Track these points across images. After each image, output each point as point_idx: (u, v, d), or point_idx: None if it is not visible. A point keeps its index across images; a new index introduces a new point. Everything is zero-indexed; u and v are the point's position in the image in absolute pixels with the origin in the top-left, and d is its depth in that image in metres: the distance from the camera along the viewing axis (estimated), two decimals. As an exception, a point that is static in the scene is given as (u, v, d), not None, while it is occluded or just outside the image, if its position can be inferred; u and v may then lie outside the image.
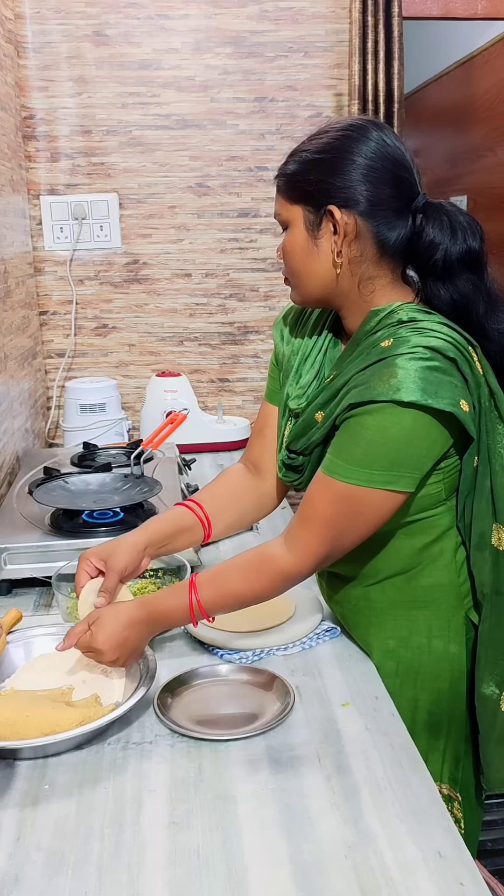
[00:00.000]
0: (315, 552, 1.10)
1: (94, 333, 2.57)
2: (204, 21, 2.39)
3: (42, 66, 2.37)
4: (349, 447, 1.06)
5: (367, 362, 1.08)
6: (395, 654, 1.21)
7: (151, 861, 0.86)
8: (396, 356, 1.03)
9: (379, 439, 1.04)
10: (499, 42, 2.93)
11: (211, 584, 1.14)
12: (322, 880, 0.82)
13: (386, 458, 1.04)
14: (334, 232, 1.10)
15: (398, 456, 1.04)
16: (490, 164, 3.05)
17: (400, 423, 1.03)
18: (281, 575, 1.12)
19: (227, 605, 1.15)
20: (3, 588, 1.48)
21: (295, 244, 1.14)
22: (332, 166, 1.09)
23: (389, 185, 1.09)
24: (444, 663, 1.19)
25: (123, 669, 1.16)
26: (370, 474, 1.05)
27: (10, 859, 0.87)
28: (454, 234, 1.09)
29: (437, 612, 1.19)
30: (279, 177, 1.16)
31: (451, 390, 1.03)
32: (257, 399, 2.65)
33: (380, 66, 2.35)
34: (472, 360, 1.08)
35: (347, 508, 1.08)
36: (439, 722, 1.21)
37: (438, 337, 1.05)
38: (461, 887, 0.81)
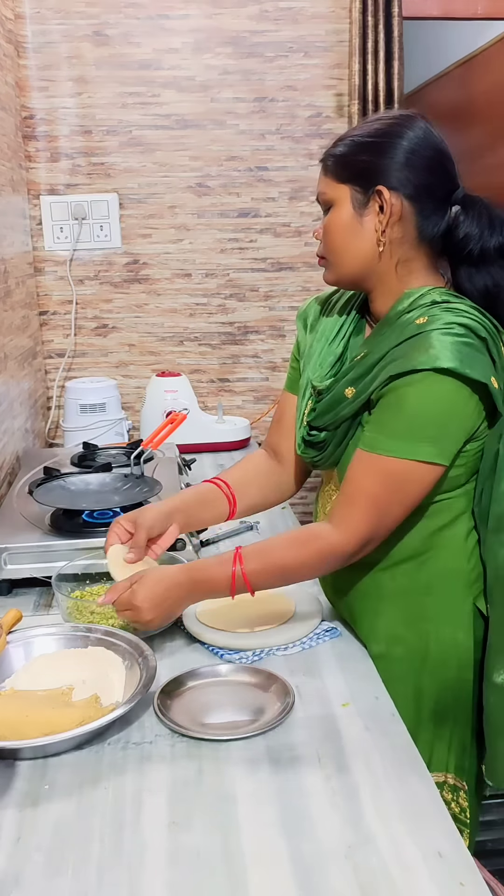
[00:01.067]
0: (361, 530, 1.13)
1: (94, 333, 2.57)
2: (204, 21, 2.39)
3: (42, 66, 2.37)
4: (392, 421, 1.11)
5: (403, 338, 1.12)
6: (402, 640, 1.23)
7: (151, 861, 0.86)
8: (432, 331, 1.09)
9: (421, 410, 1.09)
10: (499, 42, 2.93)
11: (257, 555, 1.17)
12: (322, 880, 0.82)
13: (429, 430, 1.09)
14: (380, 211, 1.16)
15: (440, 427, 1.09)
16: (490, 164, 3.05)
17: (440, 392, 1.08)
18: (328, 549, 1.15)
19: (271, 576, 1.18)
20: (3, 588, 1.48)
21: (340, 222, 1.18)
22: (383, 149, 1.15)
23: (434, 172, 1.16)
24: (451, 650, 1.21)
25: (123, 669, 1.16)
26: (415, 447, 1.09)
27: (10, 860, 0.87)
28: (492, 226, 1.16)
29: (445, 599, 1.21)
30: (327, 158, 1.20)
31: (484, 365, 1.09)
32: (257, 399, 2.65)
33: (380, 66, 2.35)
34: (499, 345, 1.13)
35: (392, 484, 1.11)
36: (445, 710, 1.22)
37: (470, 317, 1.11)
38: (461, 887, 0.81)
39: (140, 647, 1.17)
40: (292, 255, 2.57)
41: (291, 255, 2.57)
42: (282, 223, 2.55)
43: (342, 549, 1.14)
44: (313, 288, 2.58)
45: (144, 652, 1.16)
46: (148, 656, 1.15)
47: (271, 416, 2.64)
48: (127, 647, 1.19)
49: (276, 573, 1.18)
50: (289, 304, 2.60)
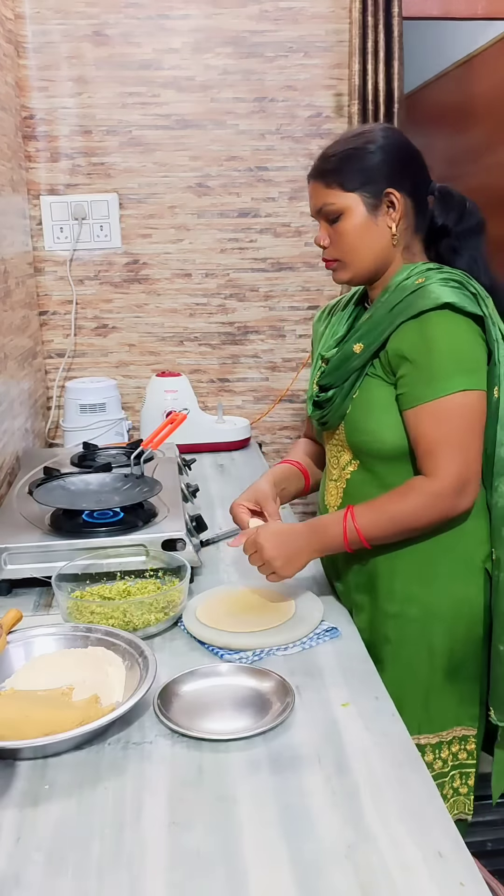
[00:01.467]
0: (451, 471, 1.22)
1: (94, 333, 2.57)
2: (204, 21, 2.39)
3: (42, 66, 2.37)
4: (436, 364, 1.22)
5: (405, 294, 1.26)
6: (418, 599, 1.31)
7: (151, 861, 0.86)
8: (429, 282, 1.25)
9: (454, 345, 1.22)
10: (499, 42, 2.93)
11: (367, 508, 1.27)
12: (322, 880, 0.82)
13: (469, 360, 1.23)
14: (390, 209, 1.30)
15: (474, 356, 1.23)
16: (490, 164, 3.05)
17: (458, 325, 1.23)
18: (431, 495, 1.23)
19: (383, 527, 1.26)
20: (3, 588, 1.48)
21: (356, 226, 1.31)
22: (383, 157, 1.30)
23: (421, 170, 1.35)
24: (462, 607, 1.30)
25: (123, 669, 1.16)
26: (450, 382, 1.21)
27: (10, 860, 0.87)
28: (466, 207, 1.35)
29: (460, 556, 1.30)
30: (327, 173, 1.31)
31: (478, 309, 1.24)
32: (257, 399, 2.65)
33: (380, 66, 2.35)
34: (487, 301, 1.27)
35: (458, 419, 1.22)
36: (457, 667, 1.30)
37: (462, 276, 1.27)
38: (461, 887, 0.81)
39: (140, 647, 1.17)
40: (292, 255, 2.57)
41: (291, 255, 2.57)
42: (282, 223, 2.55)
43: (444, 491, 1.22)
44: (313, 288, 2.58)
45: (144, 652, 1.16)
46: (148, 656, 1.15)
47: (271, 416, 2.65)
48: (127, 647, 1.19)
49: (387, 523, 1.26)
50: (289, 304, 2.60)
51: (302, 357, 2.63)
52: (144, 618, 1.30)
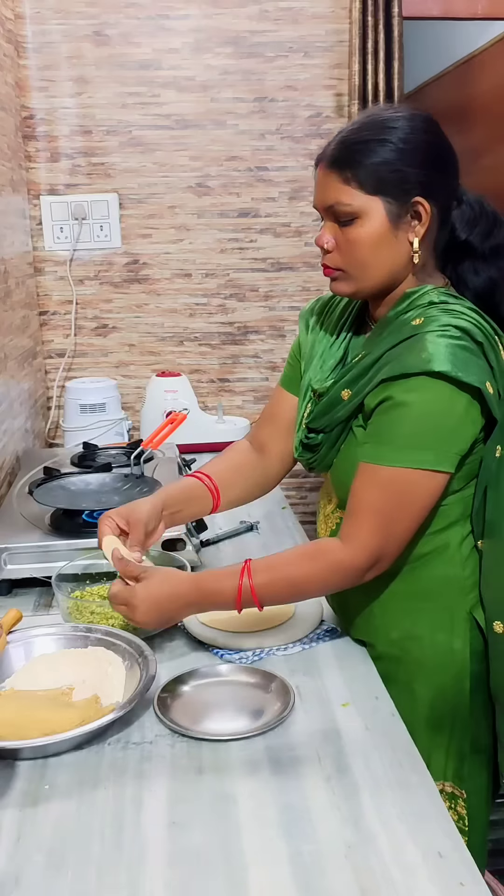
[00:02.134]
0: (370, 544, 1.10)
1: (94, 333, 2.57)
2: (204, 21, 2.39)
3: (42, 66, 2.37)
4: (393, 431, 1.08)
5: (398, 339, 1.11)
6: (398, 644, 1.21)
7: (151, 861, 0.86)
8: (427, 332, 1.07)
9: (422, 417, 1.06)
10: (499, 42, 2.92)
11: (265, 569, 1.13)
12: (322, 880, 0.82)
13: (427, 436, 1.06)
14: (416, 221, 1.12)
15: (442, 433, 1.07)
16: (490, 164, 3.05)
17: (439, 397, 1.05)
18: (337, 564, 1.12)
19: (279, 590, 1.14)
20: (3, 588, 1.48)
21: (372, 236, 1.12)
22: (416, 156, 1.10)
23: (455, 175, 1.16)
24: (446, 657, 1.19)
25: (123, 669, 1.16)
26: (416, 454, 1.06)
27: (10, 859, 0.87)
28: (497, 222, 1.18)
29: (440, 606, 1.19)
30: (345, 166, 1.11)
31: (479, 369, 1.06)
32: (257, 399, 2.65)
33: (380, 66, 2.35)
34: (497, 349, 1.11)
35: (397, 495, 1.09)
36: (442, 717, 1.20)
37: (467, 320, 1.09)
38: (461, 887, 0.81)
39: (140, 647, 1.17)
40: (292, 255, 2.57)
41: (291, 255, 2.57)
42: (282, 223, 2.55)
43: (352, 564, 1.11)
44: (313, 288, 2.58)
45: (144, 652, 1.16)
46: (148, 656, 1.15)
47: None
48: (127, 647, 1.19)
49: (284, 588, 1.14)
50: (289, 304, 2.60)
51: (302, 357, 2.63)
52: (144, 618, 1.30)
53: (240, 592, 1.12)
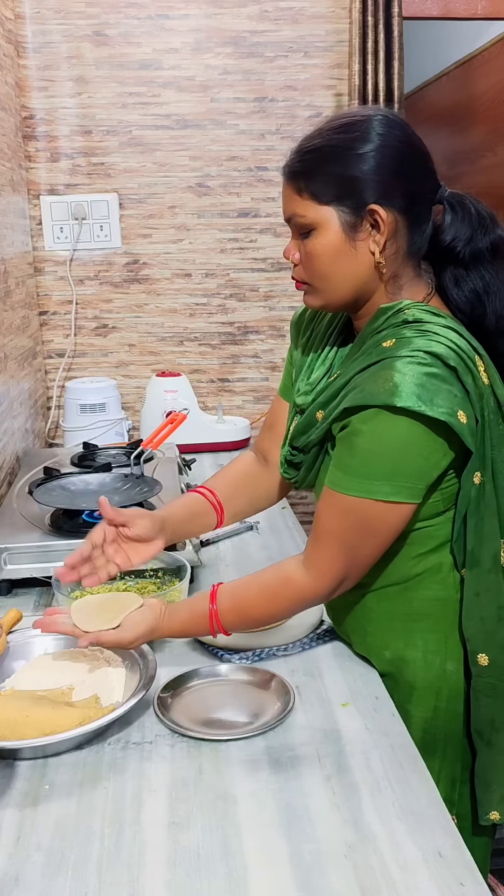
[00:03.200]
0: (330, 570, 1.08)
1: (94, 333, 2.57)
2: (204, 21, 2.39)
3: (42, 66, 2.37)
4: (348, 459, 1.04)
5: (368, 362, 1.06)
6: (391, 664, 1.19)
7: (151, 861, 0.86)
8: (395, 358, 1.01)
9: (375, 448, 1.01)
10: (499, 42, 2.93)
11: (232, 609, 1.13)
12: (322, 880, 0.82)
13: (385, 468, 1.01)
14: (374, 230, 1.06)
15: (396, 465, 1.01)
16: (490, 164, 3.05)
17: (394, 430, 1.00)
18: (299, 598, 1.11)
19: (247, 626, 1.16)
20: (3, 588, 1.48)
21: (328, 247, 1.07)
22: (367, 161, 1.04)
23: (421, 177, 1.08)
24: (440, 681, 1.16)
25: (124, 669, 1.16)
26: (370, 485, 1.02)
27: (10, 859, 0.87)
28: (483, 224, 1.09)
29: (433, 627, 1.15)
30: (298, 176, 1.07)
31: (449, 399, 0.99)
32: (257, 399, 2.65)
33: (380, 66, 2.35)
34: (475, 371, 1.04)
35: (355, 522, 1.05)
36: (434, 741, 1.16)
37: (441, 342, 1.02)
38: (461, 887, 0.81)
39: (140, 648, 1.17)
40: (292, 255, 2.56)
41: (291, 255, 2.56)
42: (281, 223, 2.52)
43: (313, 593, 1.10)
44: (313, 288, 2.57)
45: (144, 652, 1.16)
46: (148, 656, 1.15)
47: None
48: (127, 647, 1.19)
49: (250, 623, 1.16)
50: (289, 304, 2.60)
51: (302, 357, 2.63)
52: (144, 618, 1.30)
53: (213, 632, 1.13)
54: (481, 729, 1.14)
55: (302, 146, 1.08)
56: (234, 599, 1.13)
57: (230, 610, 1.12)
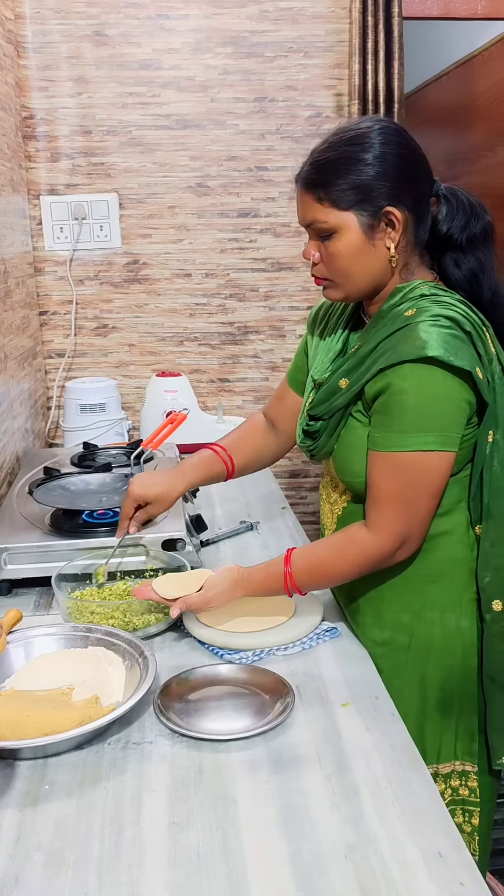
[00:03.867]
0: (393, 529, 1.17)
1: (94, 333, 2.57)
2: (204, 21, 2.39)
3: (42, 66, 2.37)
4: (398, 418, 1.14)
5: (392, 329, 1.16)
6: (408, 628, 1.25)
7: (151, 861, 0.86)
8: (419, 322, 1.13)
9: (422, 402, 1.12)
10: (499, 42, 2.93)
11: (306, 570, 1.23)
12: (322, 880, 0.82)
13: (435, 419, 1.13)
14: (390, 228, 1.18)
15: (444, 416, 1.13)
16: (490, 164, 3.05)
17: (434, 381, 1.11)
18: (365, 555, 1.19)
19: (320, 585, 1.27)
20: (3, 588, 1.48)
21: (349, 248, 1.19)
22: (379, 168, 1.16)
23: (422, 177, 1.21)
24: (455, 639, 1.23)
25: (123, 669, 1.16)
26: (420, 438, 1.12)
27: (10, 859, 0.87)
28: (474, 212, 1.23)
29: (449, 587, 1.23)
30: (317, 187, 1.19)
31: (469, 356, 1.12)
32: (257, 399, 2.65)
33: (380, 66, 2.35)
34: (485, 338, 1.17)
35: (411, 478, 1.15)
36: (451, 699, 1.24)
37: (456, 310, 1.15)
38: (461, 887, 0.81)
39: (140, 647, 1.18)
40: (292, 255, 2.57)
41: (291, 255, 2.57)
42: (282, 223, 2.55)
43: (380, 551, 1.18)
44: (313, 288, 2.58)
45: (144, 652, 1.16)
46: (148, 656, 1.15)
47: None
48: (127, 647, 1.19)
49: (324, 583, 1.27)
50: (289, 304, 2.60)
51: (302, 357, 2.63)
52: (144, 618, 1.30)
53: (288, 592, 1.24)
54: (495, 675, 1.23)
55: (316, 159, 1.21)
56: (307, 560, 1.23)
57: (303, 570, 1.23)
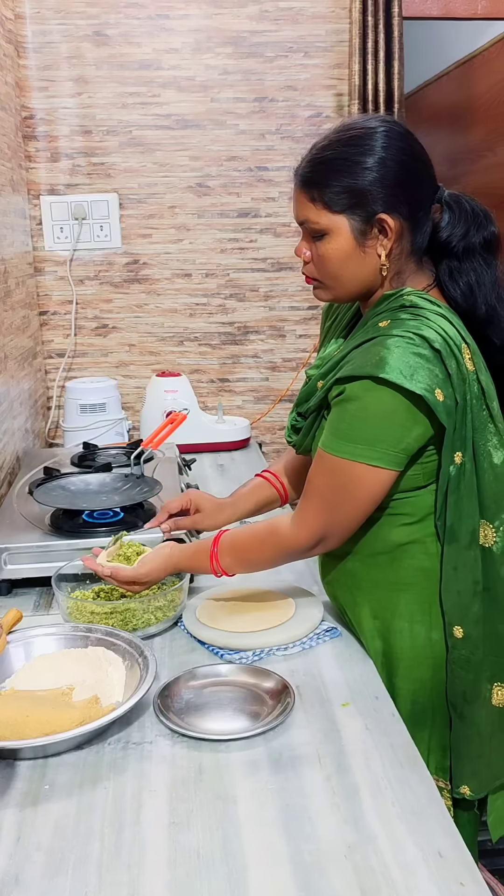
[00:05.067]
0: (311, 526, 1.18)
1: (94, 333, 2.57)
2: (204, 21, 2.39)
3: (42, 66, 2.37)
4: (338, 422, 1.14)
5: (363, 339, 1.15)
6: (380, 633, 1.24)
7: (151, 861, 0.86)
8: (387, 336, 1.10)
9: (361, 415, 1.11)
10: (499, 42, 2.92)
11: (229, 551, 1.28)
12: (322, 880, 0.82)
13: (368, 433, 1.11)
14: (382, 236, 1.15)
15: (379, 432, 1.11)
16: (490, 164, 3.05)
17: (379, 400, 1.09)
18: (281, 547, 1.23)
19: (240, 568, 1.30)
20: (3, 588, 1.48)
21: (339, 251, 1.17)
22: (375, 174, 1.13)
23: (423, 184, 1.17)
24: (425, 650, 1.21)
25: (123, 669, 1.16)
26: (354, 448, 1.11)
27: (10, 859, 0.87)
28: (477, 221, 1.19)
29: (417, 597, 1.21)
30: (312, 187, 1.16)
31: (430, 377, 1.08)
32: (257, 399, 2.65)
33: (380, 66, 2.35)
34: (460, 357, 1.12)
35: (337, 481, 1.14)
36: (422, 711, 1.22)
37: (430, 327, 1.11)
38: (461, 887, 0.81)
39: (140, 647, 1.17)
40: (292, 256, 2.56)
41: (291, 255, 2.56)
42: (282, 223, 2.55)
43: (295, 545, 1.21)
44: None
45: (144, 652, 1.16)
46: (148, 656, 1.15)
47: (271, 416, 2.65)
48: (127, 647, 1.19)
49: (246, 566, 1.30)
50: (289, 304, 2.60)
51: (302, 357, 2.63)
52: (144, 618, 1.30)
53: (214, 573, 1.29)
54: (455, 701, 1.21)
55: (315, 156, 1.17)
56: (232, 543, 1.28)
57: (228, 552, 1.28)
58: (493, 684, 1.20)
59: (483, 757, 1.21)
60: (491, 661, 1.19)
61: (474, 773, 1.21)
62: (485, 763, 1.21)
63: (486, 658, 1.19)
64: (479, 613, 1.17)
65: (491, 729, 1.20)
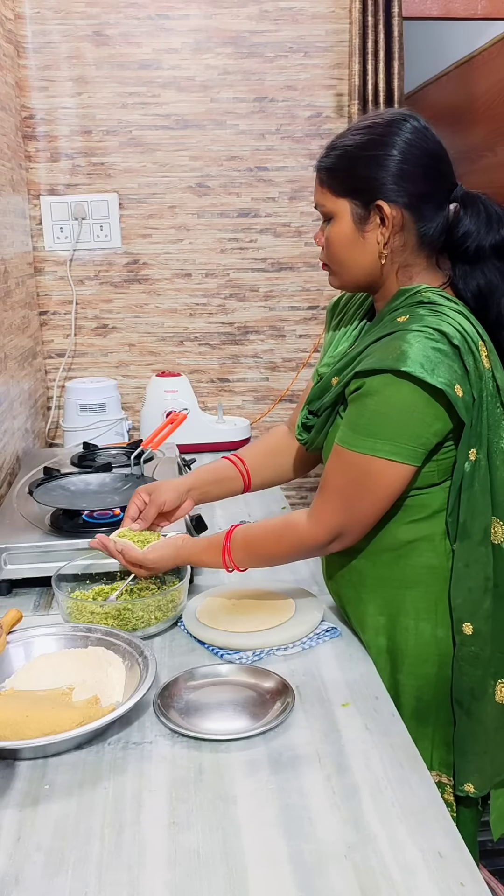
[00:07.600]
0: (329, 521, 1.18)
1: (94, 333, 2.57)
2: (204, 21, 2.39)
3: (42, 66, 2.37)
4: (357, 418, 1.14)
5: (382, 333, 1.15)
6: (385, 630, 1.25)
7: (151, 861, 0.86)
8: (407, 331, 1.11)
9: (381, 409, 1.11)
10: (499, 42, 2.92)
11: (243, 546, 1.26)
12: (322, 880, 0.82)
13: (389, 428, 1.11)
14: (382, 224, 1.17)
15: (400, 427, 1.10)
16: (490, 164, 3.05)
17: (399, 394, 1.09)
18: (298, 542, 1.22)
19: (253, 563, 1.29)
20: (3, 588, 1.48)
21: (341, 235, 1.20)
22: (378, 162, 1.15)
23: (430, 178, 1.17)
24: (430, 647, 1.22)
25: (123, 669, 1.16)
26: (374, 443, 1.11)
27: (10, 859, 0.87)
28: (490, 223, 1.18)
29: (424, 594, 1.21)
30: (322, 170, 1.20)
31: (449, 373, 1.09)
32: (257, 399, 2.65)
33: (380, 66, 2.35)
34: (477, 354, 1.13)
35: (356, 477, 1.14)
36: (426, 708, 1.23)
37: (449, 323, 1.11)
38: (461, 887, 0.81)
39: (140, 647, 1.18)
40: (292, 255, 2.57)
41: (291, 255, 2.57)
42: (282, 223, 2.55)
43: (313, 541, 1.20)
44: (313, 288, 2.58)
45: (144, 652, 1.16)
46: (148, 656, 1.15)
47: (271, 416, 2.65)
48: (127, 647, 1.19)
49: (259, 563, 1.30)
50: (289, 304, 2.60)
51: (302, 357, 2.63)
52: (144, 618, 1.30)
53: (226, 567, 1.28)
54: (461, 698, 1.20)
55: (332, 143, 1.21)
56: (246, 538, 1.27)
57: (241, 547, 1.26)
58: (497, 681, 1.20)
59: (488, 753, 1.21)
60: (498, 657, 1.20)
61: (479, 769, 1.21)
62: (489, 759, 1.21)
63: (494, 655, 1.19)
64: (490, 610, 1.18)
65: (495, 725, 1.21)
